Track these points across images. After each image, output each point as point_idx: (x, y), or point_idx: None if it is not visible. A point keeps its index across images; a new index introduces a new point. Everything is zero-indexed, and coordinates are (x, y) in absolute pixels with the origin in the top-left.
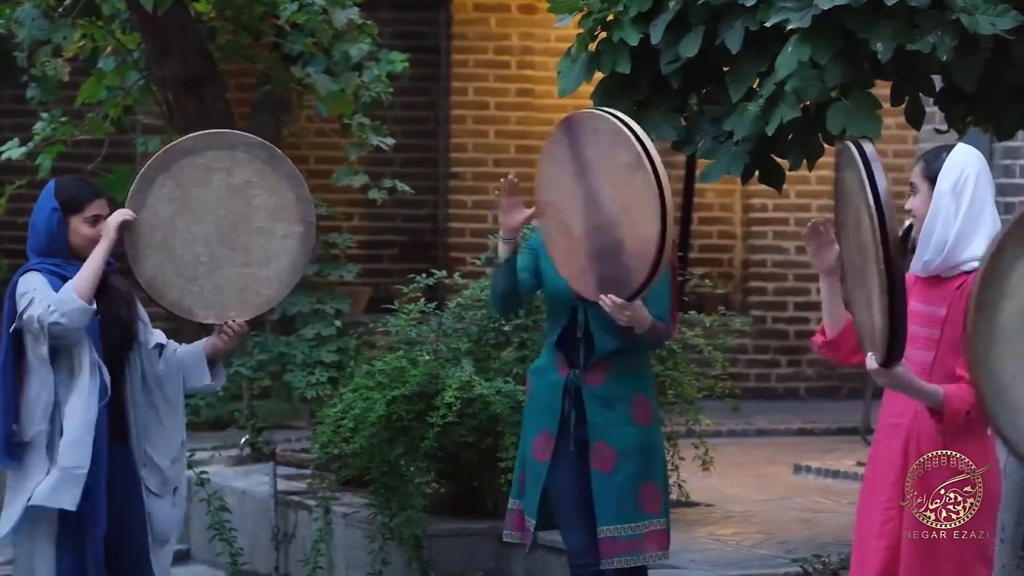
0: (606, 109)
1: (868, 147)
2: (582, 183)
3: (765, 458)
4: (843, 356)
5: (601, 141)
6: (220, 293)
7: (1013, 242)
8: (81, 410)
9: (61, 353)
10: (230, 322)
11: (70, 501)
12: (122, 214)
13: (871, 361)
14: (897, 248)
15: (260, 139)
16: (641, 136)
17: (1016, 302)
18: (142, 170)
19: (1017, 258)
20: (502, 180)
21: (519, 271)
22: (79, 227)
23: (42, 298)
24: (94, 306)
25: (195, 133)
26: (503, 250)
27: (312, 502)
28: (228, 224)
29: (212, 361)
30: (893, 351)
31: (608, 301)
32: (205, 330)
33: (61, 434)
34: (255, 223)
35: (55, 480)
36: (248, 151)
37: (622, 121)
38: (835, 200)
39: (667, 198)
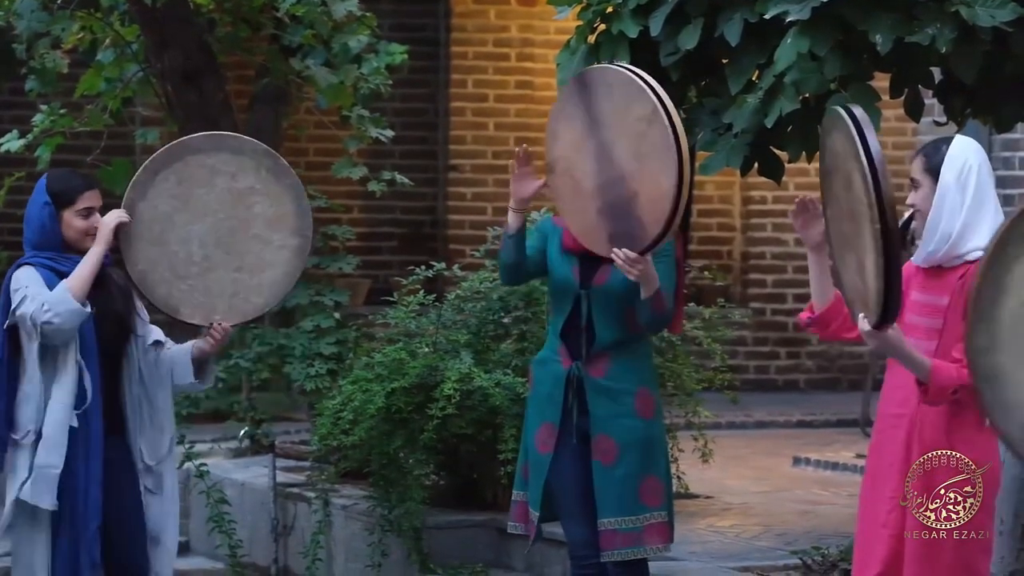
0: (620, 63)
1: (858, 110)
2: (594, 138)
3: (764, 450)
4: (832, 332)
5: (615, 94)
6: (209, 295)
7: (1014, 239)
8: (59, 410)
9: (47, 352)
10: (215, 324)
11: (47, 501)
12: (117, 216)
13: (863, 323)
14: (893, 207)
15: (268, 147)
16: (656, 88)
17: (1015, 299)
18: (147, 162)
19: (1018, 257)
20: (516, 149)
21: (528, 249)
22: (71, 220)
23: (35, 295)
24: (88, 308)
25: (206, 132)
26: (513, 221)
27: (311, 494)
28: (226, 228)
29: (199, 363)
30: (888, 311)
31: (621, 255)
32: (199, 329)
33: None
34: (252, 230)
35: (33, 478)
36: (254, 158)
37: (636, 74)
38: (821, 168)
39: (684, 150)
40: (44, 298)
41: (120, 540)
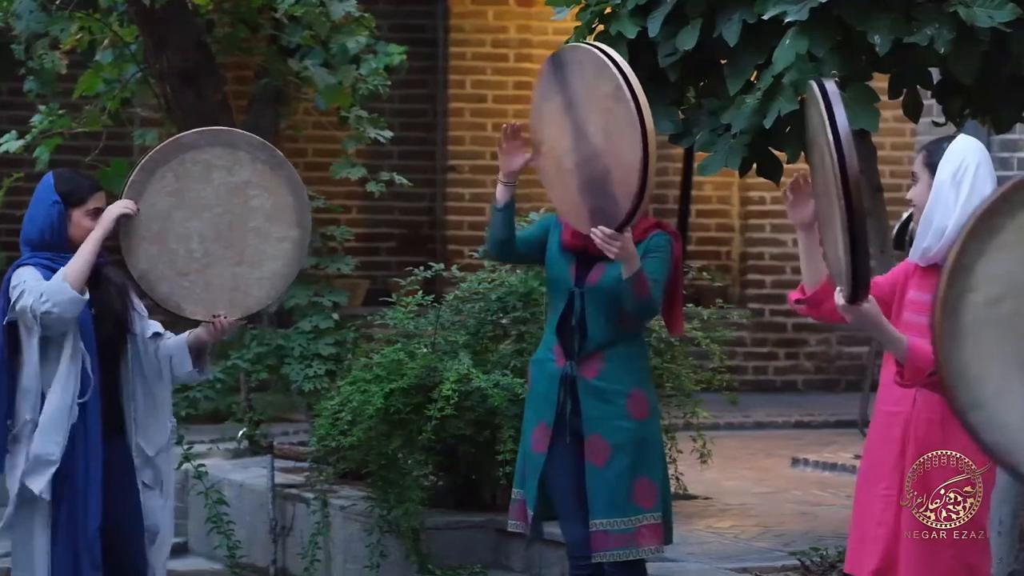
0: (591, 42)
1: (830, 85)
2: (570, 116)
3: (763, 451)
4: (825, 312)
5: (585, 73)
6: (210, 290)
7: (975, 237)
8: (57, 397)
9: (50, 343)
10: (218, 319)
11: (37, 486)
12: (122, 205)
13: (839, 297)
14: (858, 183)
15: (263, 140)
16: (623, 66)
17: (980, 296)
18: (143, 161)
19: (981, 253)
20: (504, 126)
21: (525, 232)
22: (81, 220)
23: (32, 288)
24: (86, 295)
25: (199, 128)
26: (501, 194)
27: (310, 495)
28: (224, 222)
29: (198, 352)
30: (858, 286)
31: (599, 233)
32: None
33: None
34: (251, 223)
35: (26, 466)
36: (250, 151)
37: (604, 53)
38: (804, 143)
39: (648, 125)
40: (42, 288)
41: (119, 541)
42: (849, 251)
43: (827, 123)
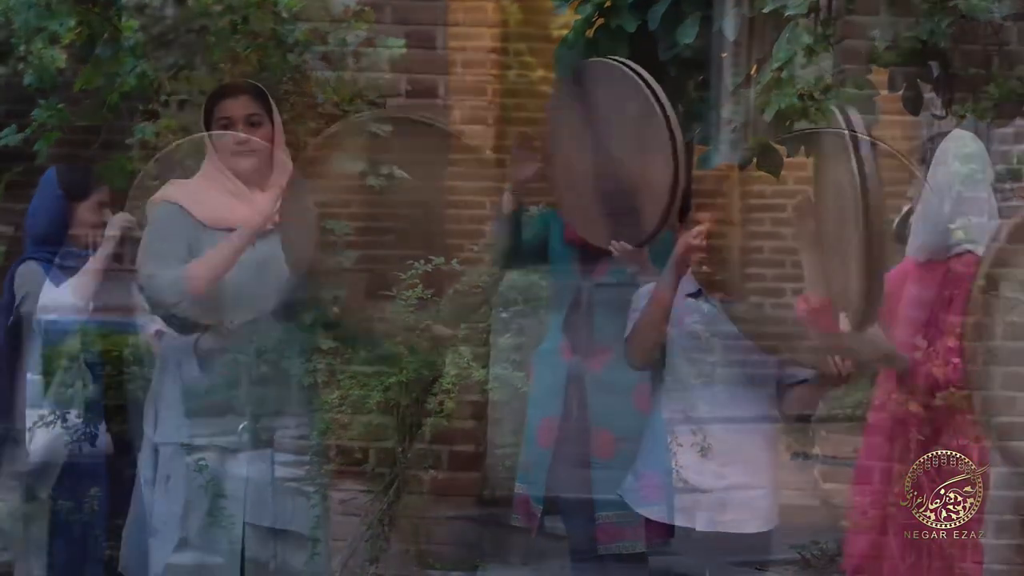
0: (615, 57)
1: (854, 115)
2: (592, 130)
3: (762, 444)
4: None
5: (611, 89)
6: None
7: None
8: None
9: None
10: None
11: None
12: (123, 220)
13: (844, 322)
14: (880, 210)
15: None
16: (652, 85)
17: None
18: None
19: None
20: (517, 133)
21: (527, 234)
22: (83, 214)
23: (37, 293)
24: (90, 307)
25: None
26: (507, 203)
27: (310, 489)
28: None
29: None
30: (867, 314)
31: (618, 247)
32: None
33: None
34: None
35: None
36: None
37: (632, 69)
38: (815, 169)
39: (679, 145)
40: (46, 298)
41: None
42: (865, 277)
43: (851, 149)
